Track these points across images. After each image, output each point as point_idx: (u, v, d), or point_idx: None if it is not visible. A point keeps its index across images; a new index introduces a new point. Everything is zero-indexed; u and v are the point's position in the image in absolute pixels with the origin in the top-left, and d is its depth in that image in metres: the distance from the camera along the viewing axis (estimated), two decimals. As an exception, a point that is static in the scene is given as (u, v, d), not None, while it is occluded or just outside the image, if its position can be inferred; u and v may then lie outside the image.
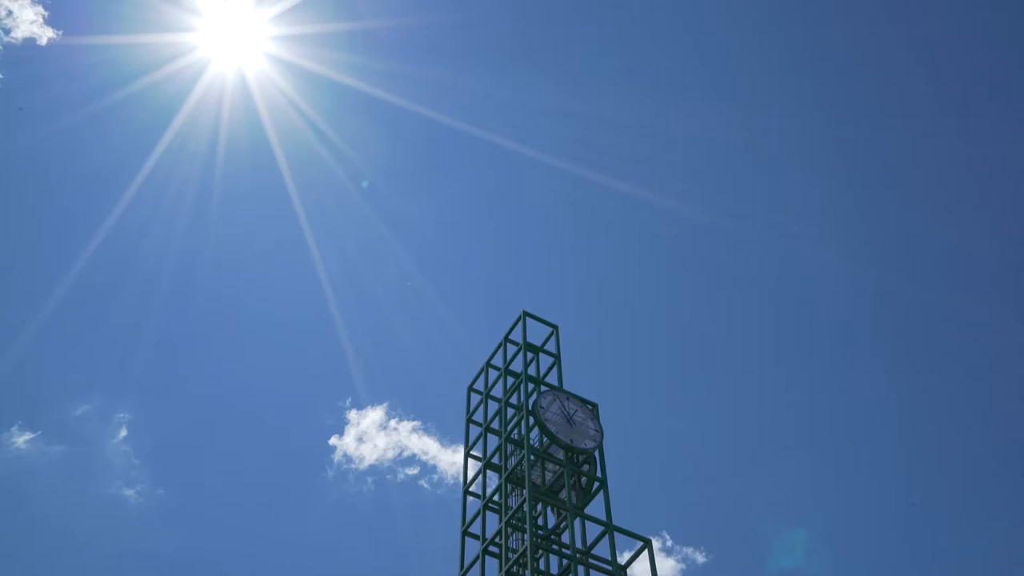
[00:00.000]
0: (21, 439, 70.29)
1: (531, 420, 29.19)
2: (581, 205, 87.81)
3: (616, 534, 26.59)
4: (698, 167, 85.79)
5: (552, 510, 28.82)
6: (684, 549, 78.47)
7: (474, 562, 27.46)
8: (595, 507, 28.81)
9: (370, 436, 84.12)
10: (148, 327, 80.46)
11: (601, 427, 29.88)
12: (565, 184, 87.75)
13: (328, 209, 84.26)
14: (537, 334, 32.91)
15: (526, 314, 32.73)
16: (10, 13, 66.46)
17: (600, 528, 27.12)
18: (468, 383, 33.71)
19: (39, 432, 72.67)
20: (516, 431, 29.82)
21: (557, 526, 28.24)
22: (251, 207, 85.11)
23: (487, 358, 33.43)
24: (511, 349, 32.80)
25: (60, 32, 73.87)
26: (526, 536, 25.99)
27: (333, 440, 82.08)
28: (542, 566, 27.01)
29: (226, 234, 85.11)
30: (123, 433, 77.53)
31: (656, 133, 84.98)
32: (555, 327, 32.93)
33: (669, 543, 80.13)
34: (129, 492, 76.76)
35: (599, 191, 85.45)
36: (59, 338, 76.54)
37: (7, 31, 67.65)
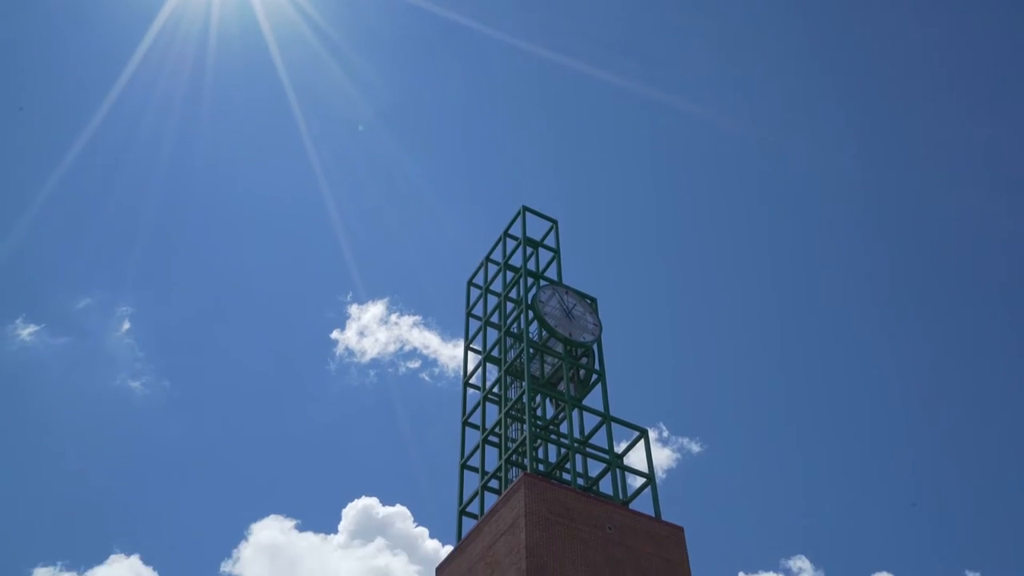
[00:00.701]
0: (25, 332, 70.97)
1: (530, 314, 29.45)
2: (581, 100, 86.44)
3: (613, 424, 27.18)
4: (703, 63, 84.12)
5: (551, 401, 29.37)
6: (680, 439, 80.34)
7: (474, 451, 28.14)
8: (593, 399, 29.37)
9: (371, 330, 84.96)
10: (144, 223, 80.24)
11: (600, 321, 30.16)
12: (565, 79, 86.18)
13: (323, 110, 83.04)
14: (537, 229, 32.93)
15: (525, 209, 32.63)
16: None
17: (597, 419, 27.70)
18: (468, 278, 33.88)
19: (43, 325, 73.36)
20: (515, 325, 30.12)
21: (555, 417, 28.83)
22: (243, 95, 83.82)
23: (486, 253, 33.51)
24: (510, 244, 32.84)
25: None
26: (525, 426, 26.55)
27: (335, 334, 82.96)
28: (541, 455, 27.72)
29: (219, 129, 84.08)
30: (126, 326, 78.24)
31: (660, 28, 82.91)
32: (554, 222, 32.90)
33: (665, 434, 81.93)
34: (135, 384, 78.02)
35: (599, 86, 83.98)
36: (56, 228, 76.50)
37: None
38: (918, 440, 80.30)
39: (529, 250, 32.10)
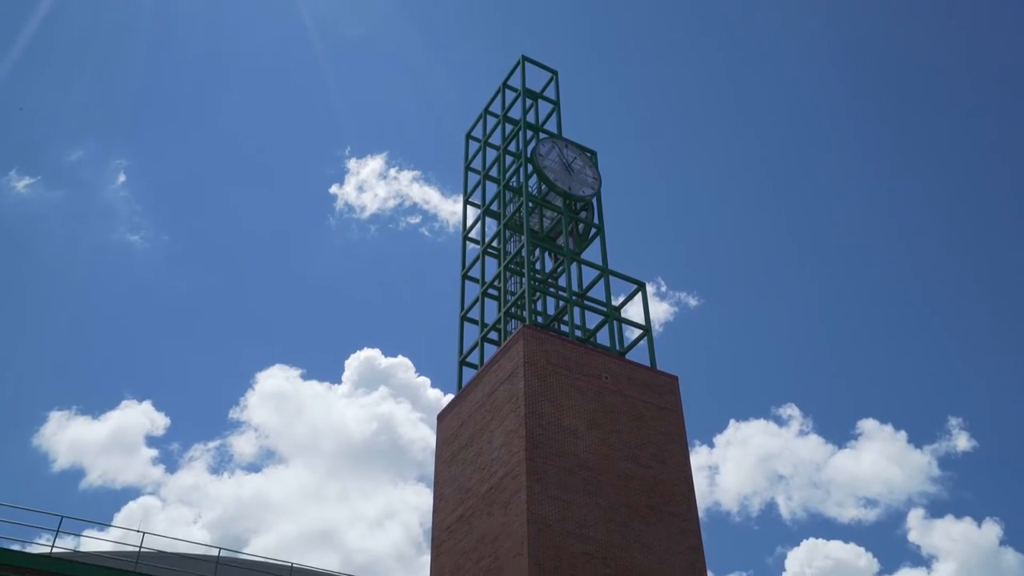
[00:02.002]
0: (21, 184, 70.53)
1: (529, 167, 29.18)
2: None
3: (611, 278, 27.42)
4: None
5: (549, 255, 29.51)
6: (677, 294, 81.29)
7: (474, 303, 28.51)
8: (591, 252, 29.51)
9: (370, 185, 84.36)
10: (132, 76, 78.21)
11: (599, 174, 29.93)
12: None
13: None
14: (536, 80, 32.18)
15: (525, 59, 31.79)
16: None
17: (596, 272, 27.93)
18: (466, 131, 33.38)
19: (38, 177, 72.82)
20: (514, 178, 29.90)
21: (554, 270, 29.04)
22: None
23: (485, 105, 32.88)
24: (509, 95, 32.18)
25: None
26: (524, 279, 26.79)
27: (334, 189, 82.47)
28: (539, 307, 28.10)
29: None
30: (121, 179, 77.66)
31: None
32: (554, 72, 32.12)
33: (663, 288, 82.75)
34: (134, 238, 78.18)
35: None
36: (40, 77, 74.72)
37: None
38: (905, 294, 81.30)
39: (528, 102, 31.49)
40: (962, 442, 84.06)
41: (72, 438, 76.11)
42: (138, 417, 78.67)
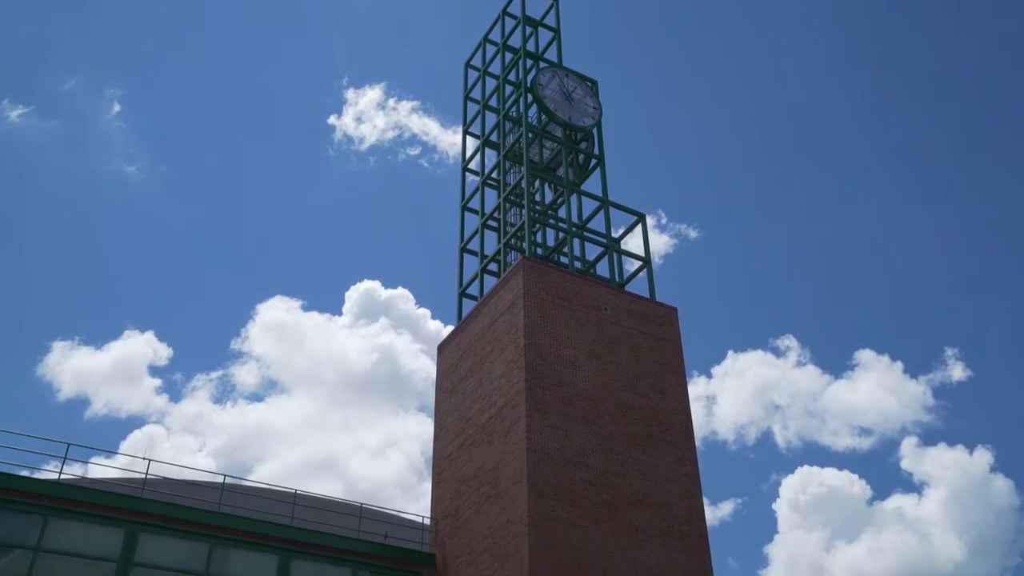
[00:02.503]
0: (14, 113, 69.77)
1: (529, 97, 28.87)
2: None
3: (611, 210, 27.37)
4: None
5: (549, 186, 29.42)
6: (677, 226, 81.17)
7: (474, 235, 28.50)
8: (591, 184, 29.41)
9: (369, 116, 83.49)
10: (123, 4, 76.79)
11: (600, 104, 29.63)
12: None
13: None
14: (536, 7, 31.61)
15: (525, -15, 31.18)
16: None
17: (596, 204, 27.87)
18: (465, 60, 32.92)
19: (32, 107, 72.01)
20: (514, 108, 29.60)
21: (554, 202, 28.98)
22: None
23: (484, 33, 32.37)
24: (509, 23, 31.66)
25: None
26: (524, 211, 26.75)
27: (332, 120, 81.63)
28: (539, 239, 28.11)
29: None
30: (116, 108, 76.82)
31: None
32: (555, -1, 31.57)
33: (664, 220, 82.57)
34: (131, 169, 77.68)
35: None
36: (27, 4, 73.41)
37: None
38: (903, 226, 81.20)
39: (528, 30, 30.98)
40: (957, 372, 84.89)
41: (76, 368, 76.83)
42: (140, 347, 79.29)
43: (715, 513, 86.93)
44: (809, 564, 79.34)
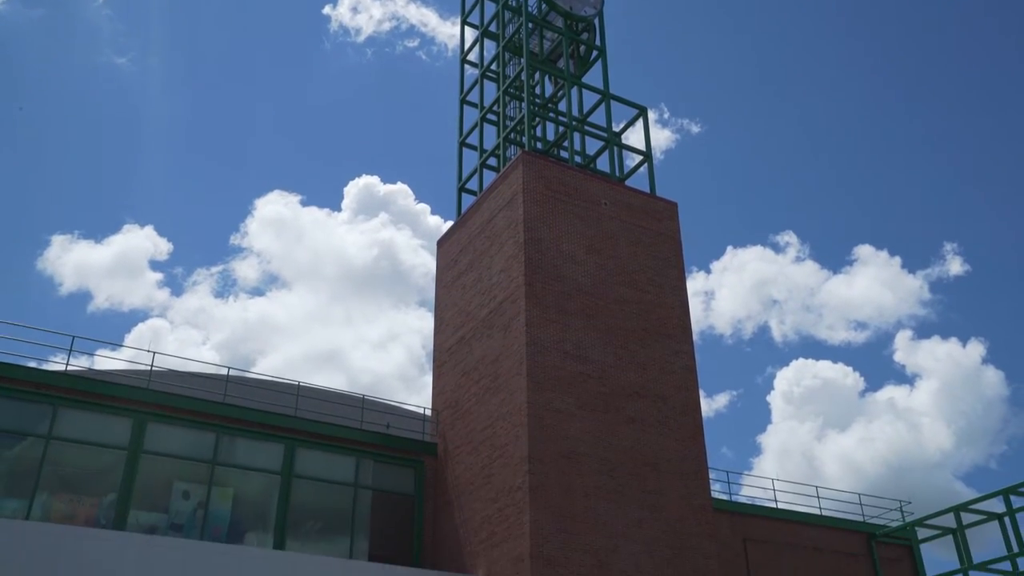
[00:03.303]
0: None
1: (530, -14, 28.07)
2: None
3: (612, 103, 26.98)
4: None
5: (550, 79, 28.92)
6: (679, 120, 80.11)
7: (472, 129, 28.18)
8: (592, 76, 28.91)
9: (365, 6, 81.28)
10: None
11: (602, -6, 28.82)
12: None
13: None
14: None
15: None
16: None
17: (597, 97, 27.47)
18: (464, -55, 31.86)
19: (18, -4, 70.12)
20: (514, -2, 28.83)
21: (554, 94, 28.53)
22: None
23: (484, -83, 31.24)
24: (509, -93, 30.52)
25: None
26: (523, 104, 26.37)
27: (327, 10, 79.55)
28: (539, 133, 27.80)
29: None
30: (105, -2, 74.76)
31: None
32: None
33: (665, 115, 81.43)
34: (121, 60, 76.13)
35: None
36: None
37: None
38: (904, 121, 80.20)
39: (529, -86, 29.90)
40: (955, 266, 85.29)
41: (76, 262, 77.10)
42: (140, 241, 79.39)
43: (710, 405, 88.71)
44: (801, 453, 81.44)
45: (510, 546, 19.31)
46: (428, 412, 24.44)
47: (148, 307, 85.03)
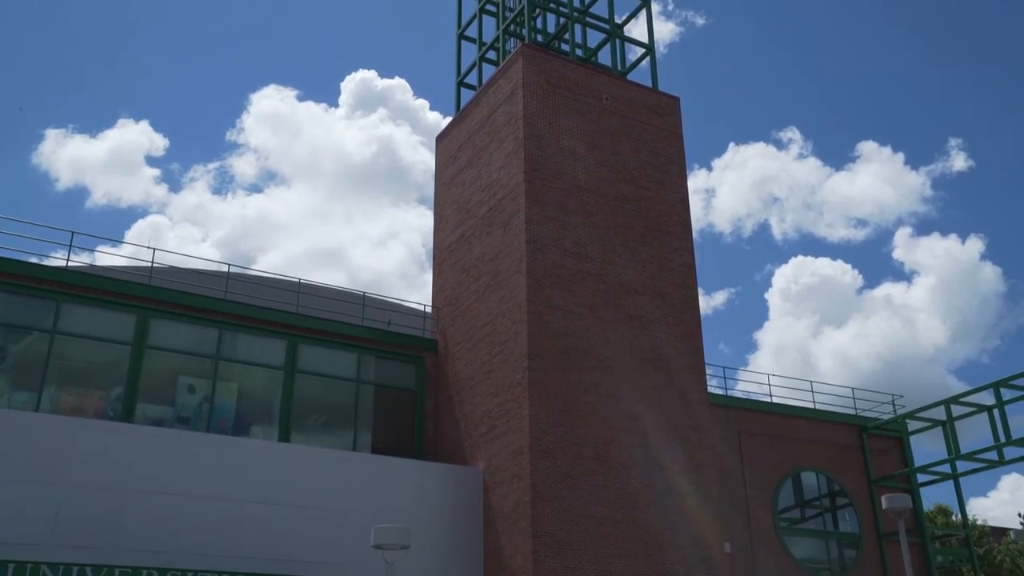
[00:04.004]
0: None
1: None
2: None
3: (615, -7, 26.22)
4: None
5: (551, -32, 28.04)
6: (684, 12, 78.03)
7: (471, 20, 27.43)
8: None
9: None
10: None
11: None
12: None
13: None
14: None
15: None
16: None
17: (599, -13, 26.63)
18: None
19: None
20: None
21: (556, -15, 27.71)
22: None
23: None
24: None
25: None
26: (524, -5, 25.65)
27: None
28: (539, 24, 27.12)
29: None
30: None
31: None
32: None
33: (670, 6, 79.27)
34: (112, -51, 73.70)
35: None
36: None
37: None
38: (911, 16, 78.18)
39: None
40: (959, 162, 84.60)
41: (72, 156, 76.37)
42: (136, 136, 78.46)
43: (709, 302, 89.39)
44: (797, 349, 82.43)
45: (510, 439, 19.77)
46: (428, 309, 24.63)
47: (146, 203, 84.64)
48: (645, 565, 19.28)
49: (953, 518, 38.08)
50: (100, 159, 77.30)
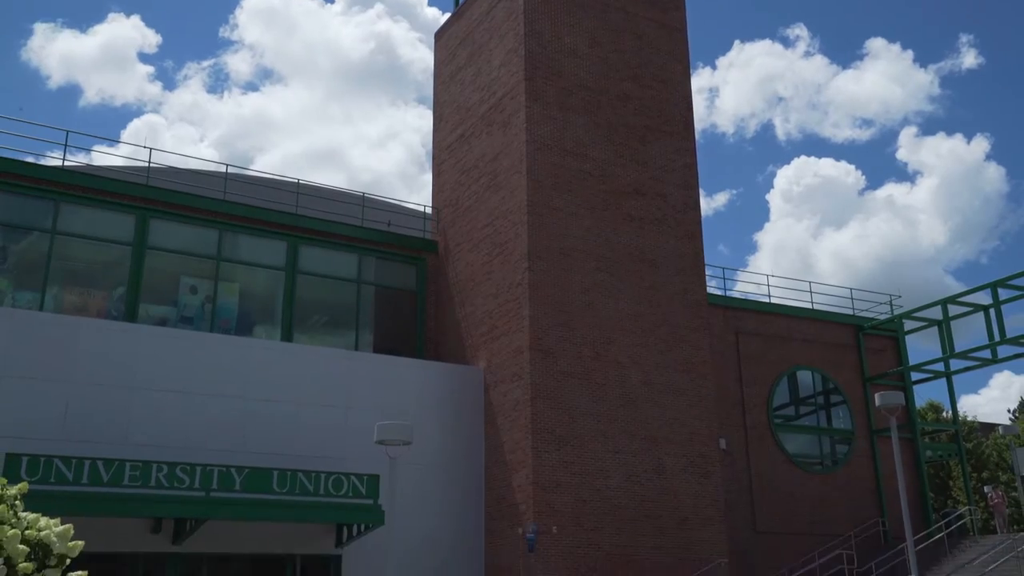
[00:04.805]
0: None
1: None
2: None
3: None
4: None
5: None
6: (688, -100, 75.08)
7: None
8: None
9: None
10: None
11: None
12: None
13: None
14: None
15: None
16: None
17: None
18: None
19: None
20: None
21: None
22: None
23: None
24: None
25: None
26: None
27: None
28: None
29: None
30: None
31: None
32: None
33: None
34: None
35: None
36: None
37: None
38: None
39: None
40: (969, 59, 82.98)
41: (62, 52, 74.83)
42: (127, 32, 76.70)
43: (710, 204, 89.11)
44: (796, 250, 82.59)
45: (510, 339, 20.01)
46: (428, 210, 24.57)
47: (141, 102, 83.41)
48: (642, 461, 19.79)
49: (944, 415, 38.86)
50: (91, 56, 75.79)
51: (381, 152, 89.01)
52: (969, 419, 41.00)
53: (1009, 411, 43.91)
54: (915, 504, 25.34)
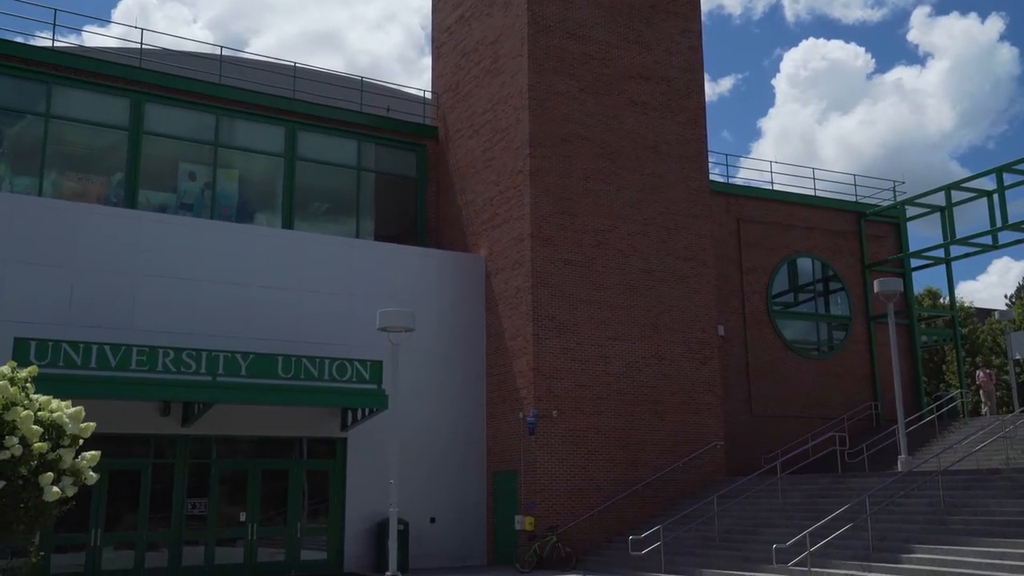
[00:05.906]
0: None
1: None
2: None
3: None
4: None
5: None
6: None
7: None
8: None
9: None
10: None
11: None
12: None
13: None
14: None
15: None
16: None
17: None
18: None
19: None
20: None
21: None
22: None
23: None
24: None
25: None
26: None
27: None
28: None
29: None
30: None
31: None
32: None
33: None
34: None
35: None
36: None
37: None
38: None
39: None
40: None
41: (47, -67, 72.06)
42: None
43: (714, 88, 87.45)
44: (800, 136, 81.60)
45: (511, 227, 19.97)
46: (428, 95, 24.13)
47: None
48: (642, 347, 20.05)
49: (942, 300, 39.13)
50: (77, -68, 72.91)
51: (380, 34, 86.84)
52: (966, 305, 41.30)
53: (1006, 296, 44.19)
54: (909, 388, 25.78)
